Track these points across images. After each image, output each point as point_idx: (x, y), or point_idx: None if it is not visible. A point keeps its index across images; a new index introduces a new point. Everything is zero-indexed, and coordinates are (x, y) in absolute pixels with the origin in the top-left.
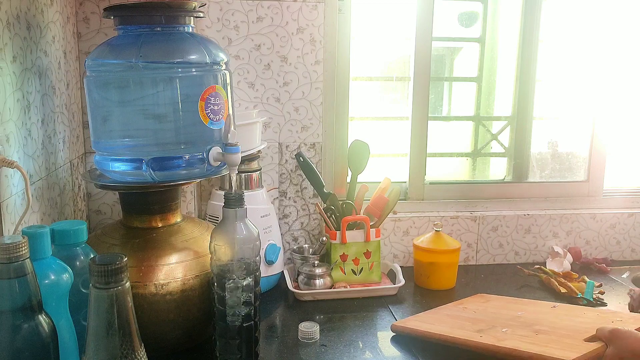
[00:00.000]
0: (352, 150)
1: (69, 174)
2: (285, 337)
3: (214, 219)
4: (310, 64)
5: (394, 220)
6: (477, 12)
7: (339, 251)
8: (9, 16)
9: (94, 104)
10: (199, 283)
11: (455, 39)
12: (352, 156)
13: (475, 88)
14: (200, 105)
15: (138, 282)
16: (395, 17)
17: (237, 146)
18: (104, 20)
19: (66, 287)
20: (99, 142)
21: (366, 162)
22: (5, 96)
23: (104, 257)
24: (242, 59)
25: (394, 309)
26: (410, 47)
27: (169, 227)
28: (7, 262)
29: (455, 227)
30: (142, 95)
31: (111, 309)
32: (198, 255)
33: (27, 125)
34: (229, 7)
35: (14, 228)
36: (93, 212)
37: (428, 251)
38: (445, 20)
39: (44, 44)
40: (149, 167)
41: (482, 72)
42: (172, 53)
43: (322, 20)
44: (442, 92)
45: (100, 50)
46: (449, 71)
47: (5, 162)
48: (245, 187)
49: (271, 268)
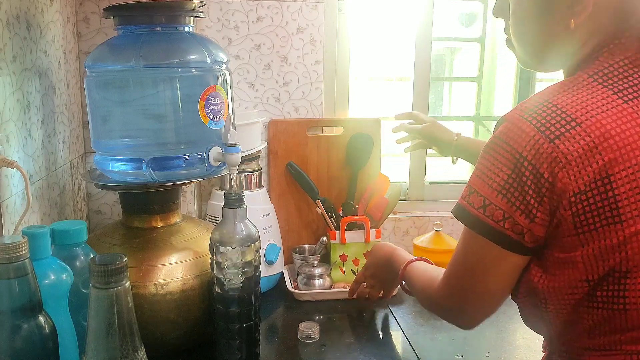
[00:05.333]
0: (352, 145)
1: (69, 174)
2: (285, 337)
3: (214, 219)
4: (310, 64)
5: (394, 220)
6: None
7: (338, 251)
8: (9, 16)
9: (94, 104)
10: (199, 283)
11: (455, 39)
12: (351, 151)
13: (475, 88)
14: (200, 105)
15: (138, 282)
16: (395, 17)
17: (237, 146)
18: (104, 20)
19: (66, 287)
20: (99, 142)
21: (368, 156)
22: (5, 96)
23: (104, 257)
24: (242, 59)
25: (394, 309)
26: (410, 47)
27: (169, 227)
28: (7, 262)
29: (455, 227)
30: (142, 95)
31: (111, 309)
32: (198, 255)
33: (27, 125)
34: (229, 7)
35: (14, 228)
36: (93, 212)
37: (428, 251)
38: (445, 20)
39: (44, 44)
40: (149, 167)
41: (482, 72)
42: (172, 53)
43: (322, 20)
44: (442, 92)
45: (100, 50)
46: (449, 71)
47: (5, 162)
48: (245, 187)
49: (271, 268)
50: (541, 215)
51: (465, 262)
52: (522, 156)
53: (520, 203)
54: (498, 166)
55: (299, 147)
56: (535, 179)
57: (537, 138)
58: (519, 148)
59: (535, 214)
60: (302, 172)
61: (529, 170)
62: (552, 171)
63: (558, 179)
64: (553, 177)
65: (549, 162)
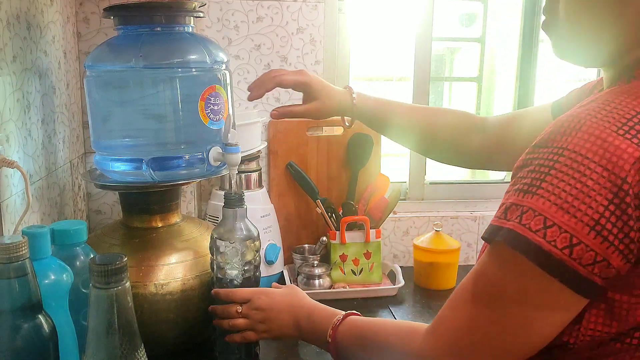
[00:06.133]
0: (352, 145)
1: (69, 174)
2: None
3: (214, 219)
4: (310, 64)
5: (394, 220)
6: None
7: (338, 251)
8: (9, 16)
9: (94, 104)
10: (199, 283)
11: (455, 39)
12: (351, 151)
13: (475, 88)
14: (200, 105)
15: (138, 282)
16: (395, 16)
17: (237, 146)
18: (104, 20)
19: (66, 287)
20: (99, 142)
21: (368, 156)
22: (5, 96)
23: (104, 257)
24: (242, 59)
25: (394, 309)
26: (410, 47)
27: (169, 227)
28: (7, 262)
29: (455, 227)
30: (142, 95)
31: (111, 309)
32: (198, 255)
33: (27, 125)
34: (229, 7)
35: (14, 228)
36: (93, 212)
37: (428, 251)
38: (445, 20)
39: (44, 44)
40: (149, 167)
41: (482, 72)
42: (172, 53)
43: (322, 20)
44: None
45: (100, 50)
46: (449, 71)
47: (5, 162)
48: (245, 187)
49: (271, 268)
50: (638, 254)
51: (508, 300)
52: (627, 182)
53: (620, 242)
54: (590, 194)
55: (299, 147)
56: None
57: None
58: (621, 172)
59: (636, 254)
60: (302, 172)
61: (634, 201)
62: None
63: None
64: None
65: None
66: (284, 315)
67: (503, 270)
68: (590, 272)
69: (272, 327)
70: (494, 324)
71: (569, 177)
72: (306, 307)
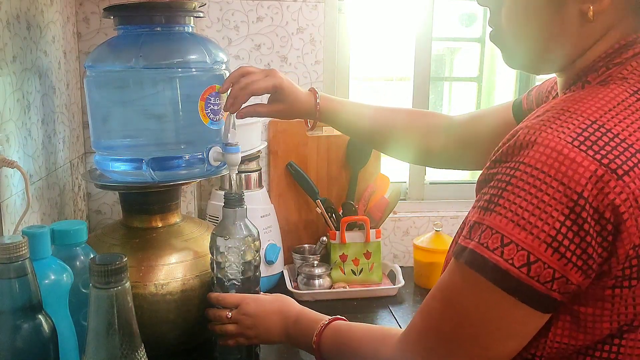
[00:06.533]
0: (352, 145)
1: (69, 174)
2: None
3: (214, 219)
4: (310, 64)
5: (394, 220)
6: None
7: (338, 251)
8: (9, 16)
9: (94, 104)
10: (199, 283)
11: (455, 39)
12: (352, 151)
13: (475, 88)
14: (200, 105)
15: (138, 282)
16: (395, 17)
17: (237, 146)
18: (104, 20)
19: (66, 287)
20: (99, 142)
21: (368, 156)
22: (5, 96)
23: (104, 257)
24: (242, 59)
25: (394, 309)
26: (410, 47)
27: (169, 227)
28: (7, 262)
29: (455, 227)
30: (142, 95)
31: (111, 309)
32: (198, 255)
33: (27, 125)
34: (229, 7)
35: (14, 228)
36: (93, 212)
37: (428, 251)
38: (445, 20)
39: (44, 44)
40: (149, 167)
41: (482, 72)
42: (172, 53)
43: (322, 20)
44: (442, 92)
45: (100, 50)
46: (449, 71)
47: (5, 162)
48: (245, 187)
49: (271, 268)
50: (597, 269)
51: (469, 319)
52: (583, 197)
53: (578, 258)
54: (546, 210)
55: (299, 147)
56: (599, 227)
57: (601, 174)
58: (577, 187)
59: (595, 269)
60: (302, 172)
61: (591, 216)
62: (617, 217)
63: (626, 227)
64: (618, 224)
65: (616, 206)
66: (272, 321)
67: (464, 285)
68: (549, 289)
69: (260, 332)
70: (460, 337)
71: (525, 192)
72: (294, 313)
